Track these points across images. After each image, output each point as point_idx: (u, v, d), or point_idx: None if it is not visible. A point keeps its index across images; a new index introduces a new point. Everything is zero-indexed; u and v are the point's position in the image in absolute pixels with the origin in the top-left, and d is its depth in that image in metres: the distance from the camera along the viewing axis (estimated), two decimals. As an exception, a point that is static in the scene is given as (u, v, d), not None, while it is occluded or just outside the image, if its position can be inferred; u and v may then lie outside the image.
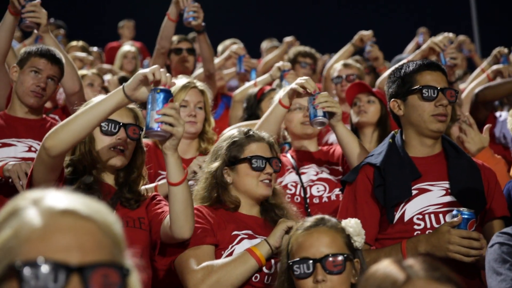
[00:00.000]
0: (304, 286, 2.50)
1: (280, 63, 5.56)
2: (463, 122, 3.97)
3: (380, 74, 5.95)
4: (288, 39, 8.11)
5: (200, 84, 3.95)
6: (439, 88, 3.15)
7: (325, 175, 3.97)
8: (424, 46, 4.91)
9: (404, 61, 4.98)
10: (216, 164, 3.10)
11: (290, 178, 3.95)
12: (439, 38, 4.89)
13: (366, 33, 6.25)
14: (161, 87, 2.58)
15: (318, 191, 3.89)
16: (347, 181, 3.25)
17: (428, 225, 3.07)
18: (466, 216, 2.88)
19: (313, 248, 2.53)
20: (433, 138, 3.20)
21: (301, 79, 3.53)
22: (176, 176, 2.68)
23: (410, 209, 3.09)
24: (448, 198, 3.11)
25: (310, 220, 2.62)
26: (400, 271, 1.56)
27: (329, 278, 2.49)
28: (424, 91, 3.14)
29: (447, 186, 3.13)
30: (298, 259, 2.52)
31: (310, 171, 3.97)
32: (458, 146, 3.31)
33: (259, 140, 3.14)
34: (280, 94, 3.70)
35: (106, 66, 7.77)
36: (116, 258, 1.26)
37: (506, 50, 6.02)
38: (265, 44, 9.18)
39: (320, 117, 3.41)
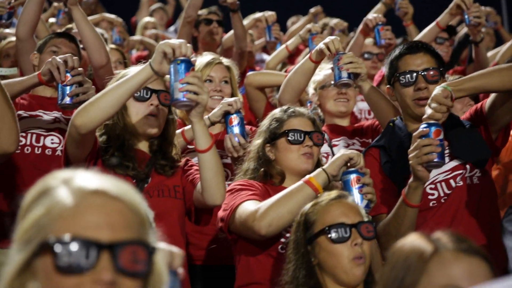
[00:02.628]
0: (340, 250, 2.49)
1: (310, 25, 5.51)
2: None
3: (408, 29, 5.91)
4: (313, 9, 8.07)
5: (225, 61, 3.96)
6: (418, 71, 3.17)
7: (356, 147, 3.98)
8: (451, 4, 4.88)
9: (431, 25, 4.96)
10: (258, 142, 3.14)
11: (322, 149, 3.96)
12: None
13: None
14: (181, 57, 2.59)
15: None
16: None
17: (442, 193, 3.13)
18: (431, 128, 2.79)
19: (345, 215, 2.54)
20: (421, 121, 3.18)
21: (328, 38, 3.53)
22: (204, 143, 2.71)
23: None
24: (454, 163, 3.16)
25: (332, 193, 2.62)
26: (428, 243, 1.56)
27: (364, 243, 2.52)
28: (401, 78, 3.20)
29: (449, 151, 3.15)
30: (334, 224, 2.51)
31: (341, 143, 3.99)
32: (456, 118, 3.29)
33: (299, 115, 3.16)
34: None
35: (136, 38, 7.82)
36: (143, 236, 1.31)
37: None
38: (291, 21, 9.14)
39: (344, 79, 3.40)
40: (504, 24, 12.01)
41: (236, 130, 3.44)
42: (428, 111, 2.89)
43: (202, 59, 3.89)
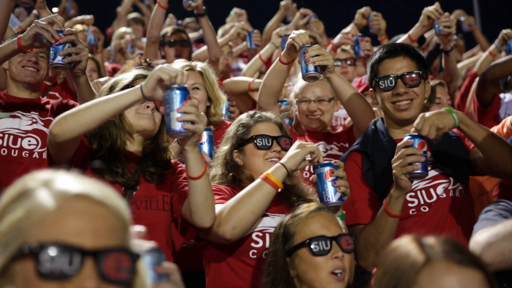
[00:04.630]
0: (320, 263, 2.51)
1: (277, 29, 5.53)
2: None
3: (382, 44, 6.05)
4: (283, 2, 8.08)
5: (199, 65, 3.95)
6: (396, 75, 3.17)
7: (334, 152, 4.00)
8: (422, 17, 4.95)
9: (403, 37, 5.03)
10: (225, 148, 3.13)
11: None
12: (432, 7, 4.90)
13: (365, 8, 6.23)
14: (177, 85, 2.51)
15: None
16: None
17: (422, 201, 3.13)
18: (415, 139, 2.82)
19: (326, 228, 2.56)
20: (406, 124, 3.21)
21: (293, 33, 3.53)
22: (197, 170, 2.65)
23: None
24: (435, 172, 3.15)
25: (312, 205, 2.64)
26: (420, 252, 1.53)
27: (344, 255, 2.54)
28: (380, 82, 3.20)
29: (432, 160, 3.14)
30: (315, 236, 2.53)
31: (320, 148, 3.98)
32: None
33: (266, 120, 3.16)
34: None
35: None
36: (126, 243, 1.29)
37: None
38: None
39: (311, 72, 3.38)
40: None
41: (204, 148, 3.43)
42: (419, 128, 2.84)
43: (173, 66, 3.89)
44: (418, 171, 2.79)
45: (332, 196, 2.81)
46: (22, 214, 1.24)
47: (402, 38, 5.04)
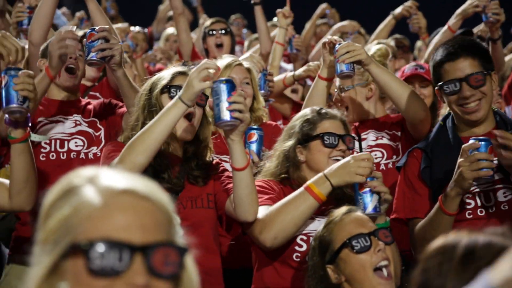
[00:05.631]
0: (365, 260, 2.52)
1: (281, 10, 5.43)
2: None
3: (424, 42, 6.01)
4: (322, 6, 8.01)
5: (245, 62, 3.95)
6: (460, 78, 3.04)
7: (385, 140, 3.83)
8: (466, 9, 4.82)
9: (442, 29, 4.93)
10: (289, 143, 3.08)
11: None
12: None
13: (411, 2, 6.10)
14: (225, 78, 2.63)
15: (376, 158, 3.72)
16: (400, 166, 3.25)
17: (479, 203, 3.04)
18: (483, 143, 2.79)
19: (361, 226, 2.58)
20: (474, 125, 3.11)
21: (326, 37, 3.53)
22: (241, 161, 2.70)
23: None
24: (498, 176, 3.03)
25: (342, 209, 2.66)
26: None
27: (386, 248, 2.55)
28: (445, 87, 3.07)
29: (496, 163, 3.02)
30: (353, 235, 2.54)
31: (370, 137, 3.86)
32: (509, 120, 3.21)
33: (332, 118, 3.11)
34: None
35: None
36: (172, 237, 1.28)
37: None
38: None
39: (345, 71, 3.33)
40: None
41: (253, 147, 3.44)
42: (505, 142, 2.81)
43: (221, 61, 3.88)
44: (489, 177, 2.77)
45: (367, 206, 2.81)
46: (70, 211, 1.25)
47: (442, 31, 4.93)
